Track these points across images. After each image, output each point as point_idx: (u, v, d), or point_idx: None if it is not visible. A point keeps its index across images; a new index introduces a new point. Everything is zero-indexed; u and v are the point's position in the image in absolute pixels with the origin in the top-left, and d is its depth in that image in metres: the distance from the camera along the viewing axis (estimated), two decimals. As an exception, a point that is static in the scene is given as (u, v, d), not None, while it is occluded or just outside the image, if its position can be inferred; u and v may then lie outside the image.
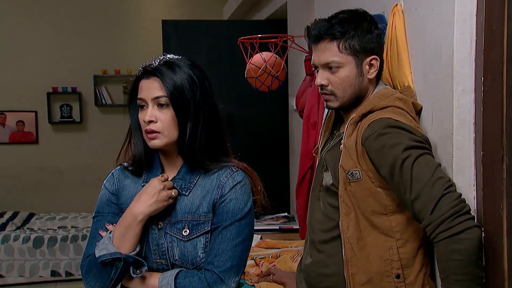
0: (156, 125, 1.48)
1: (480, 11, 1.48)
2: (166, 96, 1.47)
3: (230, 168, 1.54)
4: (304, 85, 3.37)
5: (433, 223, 1.45)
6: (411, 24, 1.79)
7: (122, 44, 6.91)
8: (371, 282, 1.64)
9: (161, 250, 1.51)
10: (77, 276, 5.48)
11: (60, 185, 6.93)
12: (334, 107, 1.76)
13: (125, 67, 6.81)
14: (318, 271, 1.77)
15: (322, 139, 1.93)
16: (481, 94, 1.47)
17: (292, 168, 4.60)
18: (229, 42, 5.04)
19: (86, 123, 6.98)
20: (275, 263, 2.31)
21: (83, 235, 5.54)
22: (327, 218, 1.75)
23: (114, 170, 1.66)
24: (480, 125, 1.48)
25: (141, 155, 1.58)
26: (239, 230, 1.49)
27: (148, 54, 7.14)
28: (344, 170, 1.65)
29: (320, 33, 1.70)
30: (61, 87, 6.79)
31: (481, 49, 1.47)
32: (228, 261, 1.46)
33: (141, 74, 1.54)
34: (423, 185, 1.47)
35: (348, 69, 1.69)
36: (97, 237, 1.54)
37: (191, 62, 1.55)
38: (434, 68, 1.63)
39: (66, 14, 6.75)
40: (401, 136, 1.55)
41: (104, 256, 1.45)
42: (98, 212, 1.59)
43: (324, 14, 2.91)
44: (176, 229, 1.51)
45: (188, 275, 1.47)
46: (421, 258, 1.65)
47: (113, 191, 1.61)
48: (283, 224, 3.75)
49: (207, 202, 1.51)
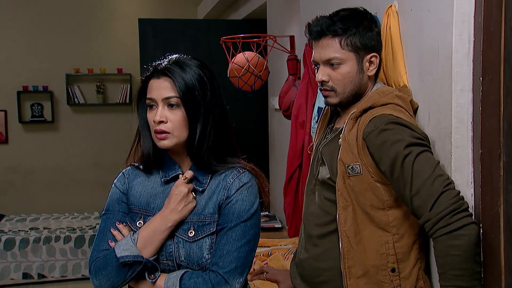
0: (166, 126, 1.47)
1: (478, 13, 1.52)
2: (177, 97, 1.47)
3: (237, 169, 1.54)
4: (287, 84, 3.39)
5: (432, 219, 1.49)
6: (406, 25, 1.82)
7: (96, 43, 6.83)
8: (367, 275, 1.67)
9: (168, 251, 1.51)
10: (50, 278, 5.40)
11: (31, 186, 6.80)
12: (333, 103, 1.78)
13: (99, 66, 6.73)
14: (314, 265, 1.79)
15: (317, 136, 1.94)
16: (479, 94, 1.51)
17: (273, 167, 4.62)
18: (207, 41, 5.04)
19: (58, 123, 6.87)
20: (267, 261, 2.32)
21: (56, 236, 5.45)
22: (324, 212, 1.77)
23: (125, 170, 1.65)
24: (478, 124, 1.52)
25: (149, 155, 1.57)
26: (244, 231, 1.49)
27: (122, 53, 7.08)
28: (344, 164, 1.67)
29: (322, 30, 1.71)
30: (31, 86, 6.67)
31: (480, 50, 1.50)
32: (233, 262, 1.46)
33: (151, 73, 1.52)
34: (423, 182, 1.51)
35: (349, 66, 1.71)
36: (107, 234, 1.54)
37: (200, 62, 1.55)
38: (431, 68, 1.66)
39: (37, 11, 6.63)
40: (403, 133, 1.58)
41: (126, 258, 1.45)
42: (108, 210, 1.59)
43: (310, 14, 2.95)
44: (182, 230, 1.51)
45: (193, 276, 1.47)
46: (416, 253, 1.68)
47: (124, 190, 1.60)
48: (265, 223, 3.77)
49: (213, 203, 1.51)
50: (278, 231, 3.70)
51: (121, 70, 6.81)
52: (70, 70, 6.71)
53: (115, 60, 6.82)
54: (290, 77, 3.41)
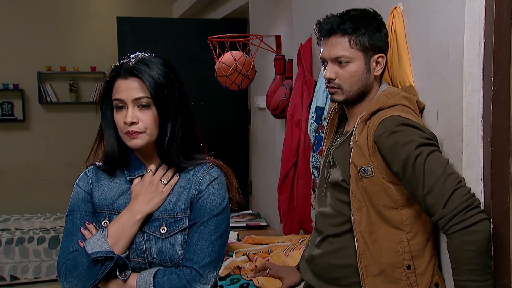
0: (138, 126, 1.47)
1: (489, 16, 1.57)
2: (148, 97, 1.46)
3: (206, 165, 1.56)
4: (274, 84, 3.42)
5: (446, 216, 1.53)
6: (412, 26, 1.86)
7: (68, 40, 6.70)
8: (383, 273, 1.70)
9: (139, 248, 1.50)
10: (23, 280, 5.31)
11: (1, 186, 6.62)
12: (339, 100, 1.81)
13: (71, 64, 6.63)
14: (328, 262, 1.82)
15: (327, 140, 1.97)
16: (490, 93, 1.56)
17: (256, 165, 4.63)
18: (186, 40, 5.01)
19: (29, 122, 6.72)
20: (269, 258, 2.34)
21: (29, 237, 5.37)
22: (338, 213, 1.80)
23: (87, 170, 1.62)
24: (489, 122, 1.57)
25: (114, 154, 1.55)
26: (216, 225, 1.50)
27: (96, 51, 6.96)
28: (356, 167, 1.70)
29: (333, 28, 1.74)
30: (1, 84, 6.50)
31: (491, 51, 1.56)
32: (207, 257, 1.47)
33: (116, 73, 1.50)
34: (436, 180, 1.55)
35: (357, 64, 1.74)
36: (76, 235, 1.51)
37: (164, 59, 1.54)
38: (440, 68, 1.71)
39: (8, 6, 6.47)
40: (413, 134, 1.62)
41: (98, 253, 1.42)
42: (72, 211, 1.56)
43: (303, 14, 2.98)
44: (153, 227, 1.51)
45: (166, 273, 1.47)
46: (430, 249, 1.73)
47: (88, 190, 1.58)
48: (250, 221, 3.79)
49: (184, 199, 1.52)
50: (263, 229, 3.72)
51: (95, 68, 6.71)
52: (42, 68, 6.57)
53: (88, 58, 6.71)
54: (278, 76, 3.44)
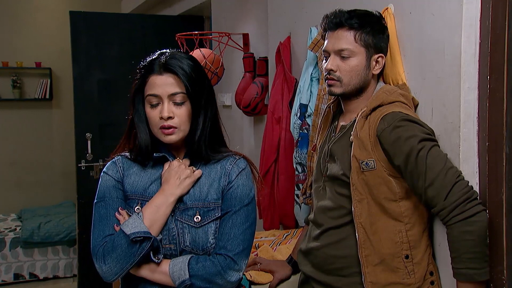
0: (174, 121, 1.52)
1: (485, 17, 1.66)
2: (183, 93, 1.51)
3: (232, 157, 1.62)
4: (244, 81, 3.45)
5: (447, 208, 1.62)
6: (404, 26, 1.94)
7: (11, 34, 6.41)
8: (383, 263, 1.78)
9: (171, 234, 1.54)
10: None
11: None
12: (336, 93, 1.87)
13: (14, 59, 6.34)
14: (329, 253, 1.88)
15: (321, 135, 2.03)
16: (486, 91, 1.65)
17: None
18: (142, 36, 4.93)
19: (-31, 119, 6.39)
20: (258, 253, 2.36)
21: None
22: (338, 206, 1.86)
23: (115, 159, 1.65)
24: (485, 118, 1.66)
25: (147, 147, 1.59)
26: (247, 215, 1.57)
27: (41, 46, 6.70)
28: (357, 160, 1.76)
29: (340, 21, 1.81)
30: None
31: (487, 51, 1.65)
32: (240, 245, 1.54)
33: (150, 68, 1.54)
34: (437, 174, 1.64)
35: (359, 59, 1.82)
36: (110, 219, 1.54)
37: (189, 55, 1.59)
38: (435, 67, 1.79)
39: None
40: (415, 129, 1.71)
41: (137, 234, 1.45)
42: (102, 197, 1.58)
43: (280, 13, 3.00)
44: (187, 216, 1.55)
45: (200, 260, 1.51)
46: (425, 240, 1.81)
47: (118, 178, 1.61)
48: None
49: (215, 189, 1.57)
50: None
51: (40, 64, 6.45)
52: (-18, 62, 6.27)
53: (33, 53, 6.44)
54: (247, 74, 3.47)
